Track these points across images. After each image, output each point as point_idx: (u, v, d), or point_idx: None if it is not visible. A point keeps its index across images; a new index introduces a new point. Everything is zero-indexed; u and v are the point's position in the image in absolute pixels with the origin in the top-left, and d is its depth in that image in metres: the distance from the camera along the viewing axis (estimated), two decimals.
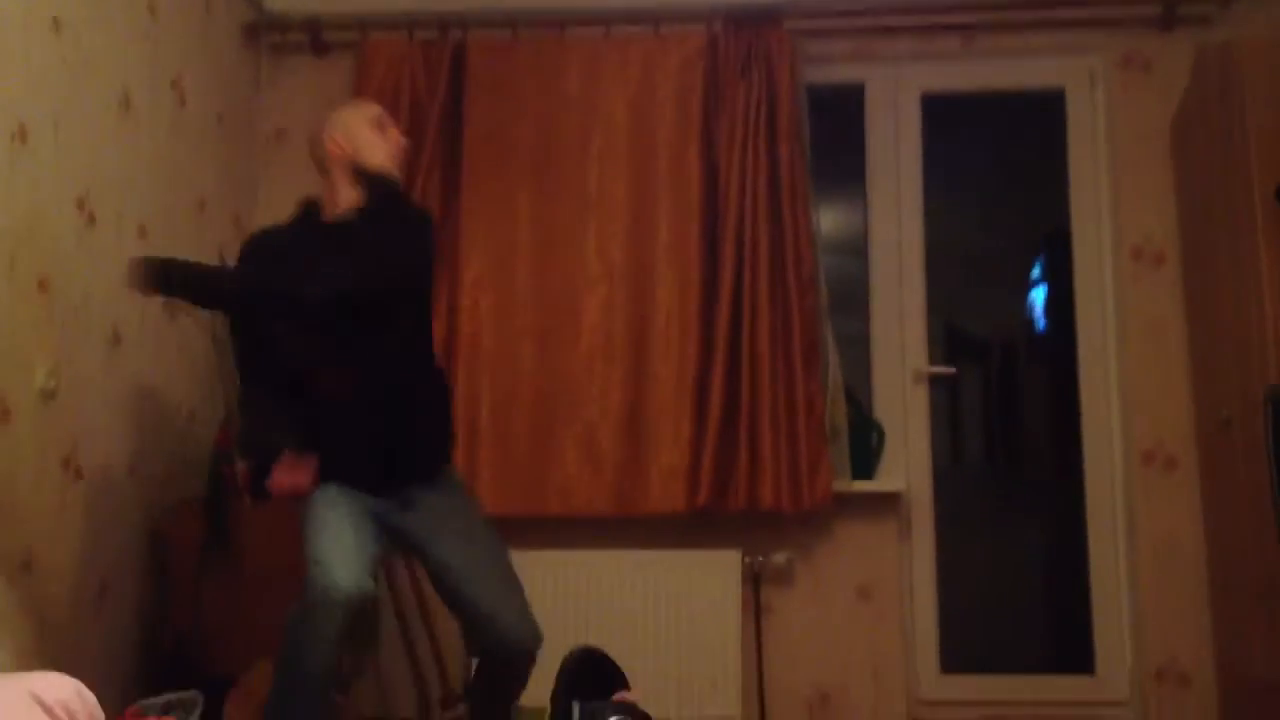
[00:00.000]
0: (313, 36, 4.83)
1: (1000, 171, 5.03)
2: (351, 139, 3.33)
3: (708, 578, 4.36)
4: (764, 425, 4.36)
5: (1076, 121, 4.79)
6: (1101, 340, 4.65)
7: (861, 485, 4.50)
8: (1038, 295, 4.91)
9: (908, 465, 4.62)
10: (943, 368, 4.73)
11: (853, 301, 4.75)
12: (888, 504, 4.52)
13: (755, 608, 4.43)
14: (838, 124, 4.85)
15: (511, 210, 4.63)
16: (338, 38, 4.84)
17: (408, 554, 3.47)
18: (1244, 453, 3.84)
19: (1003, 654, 4.63)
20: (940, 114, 4.88)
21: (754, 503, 4.34)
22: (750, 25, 4.63)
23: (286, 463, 3.24)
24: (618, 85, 4.68)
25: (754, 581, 4.43)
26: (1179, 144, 4.51)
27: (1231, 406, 3.96)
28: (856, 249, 4.84)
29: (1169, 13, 4.60)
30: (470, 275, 4.58)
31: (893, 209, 4.80)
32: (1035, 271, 4.92)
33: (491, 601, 3.21)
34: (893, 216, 4.79)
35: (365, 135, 3.34)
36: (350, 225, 3.26)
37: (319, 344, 3.21)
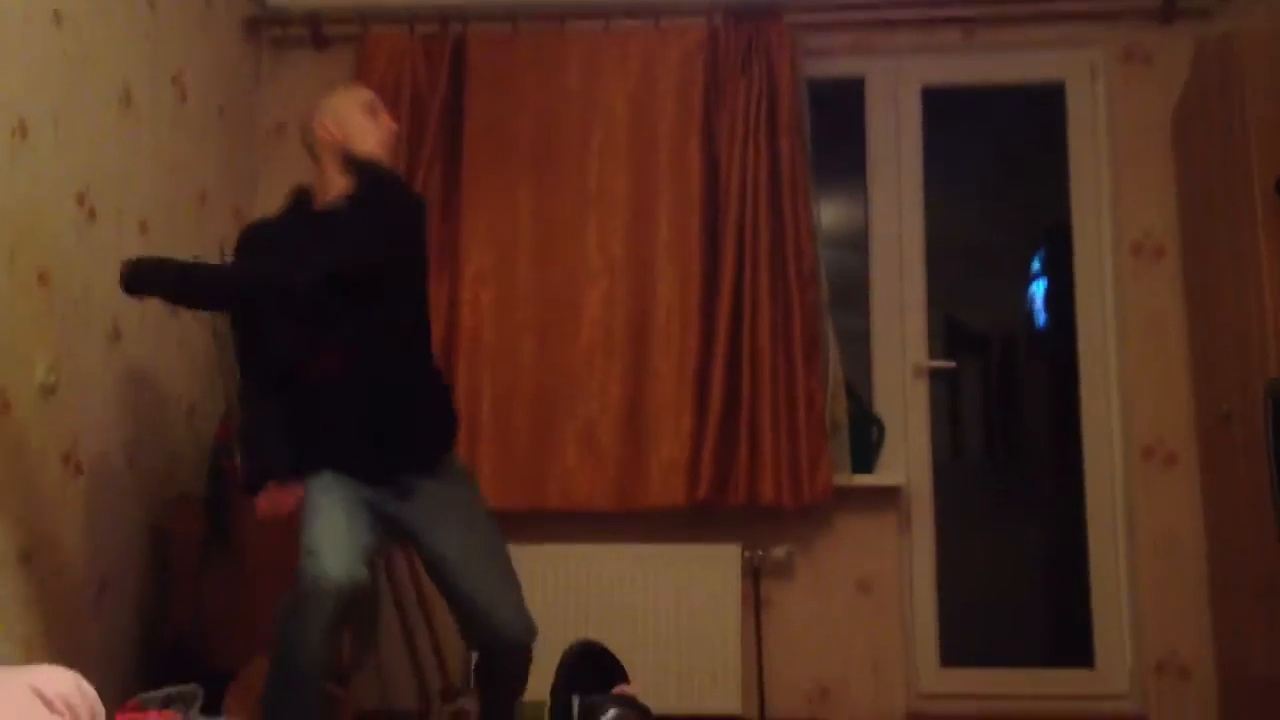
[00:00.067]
0: (313, 30, 4.83)
1: (1001, 165, 5.03)
2: (342, 125, 3.26)
3: (708, 572, 4.37)
4: (764, 419, 4.36)
5: (1077, 115, 4.78)
6: (1101, 334, 4.65)
7: (861, 479, 4.51)
8: (1038, 289, 4.91)
9: (908, 459, 4.63)
10: (943, 362, 4.73)
11: (853, 296, 4.75)
12: (888, 498, 4.52)
13: (755, 602, 4.43)
14: (838, 118, 4.85)
15: (512, 204, 4.63)
16: (338, 31, 4.84)
17: (405, 544, 3.42)
18: (1244, 447, 3.84)
19: (1002, 647, 4.62)
20: (941, 107, 4.88)
21: (754, 497, 4.34)
22: (750, 19, 4.63)
23: (272, 491, 3.22)
24: (618, 79, 4.68)
25: (754, 575, 4.44)
26: (1179, 137, 4.50)
27: (1231, 401, 3.96)
28: (857, 243, 4.83)
29: (1169, 6, 4.60)
30: (471, 270, 4.58)
31: (893, 203, 4.80)
32: (1035, 265, 4.92)
33: (485, 594, 3.17)
34: (893, 210, 4.79)
35: (356, 121, 3.27)
36: (338, 213, 3.21)
37: (310, 330, 3.16)
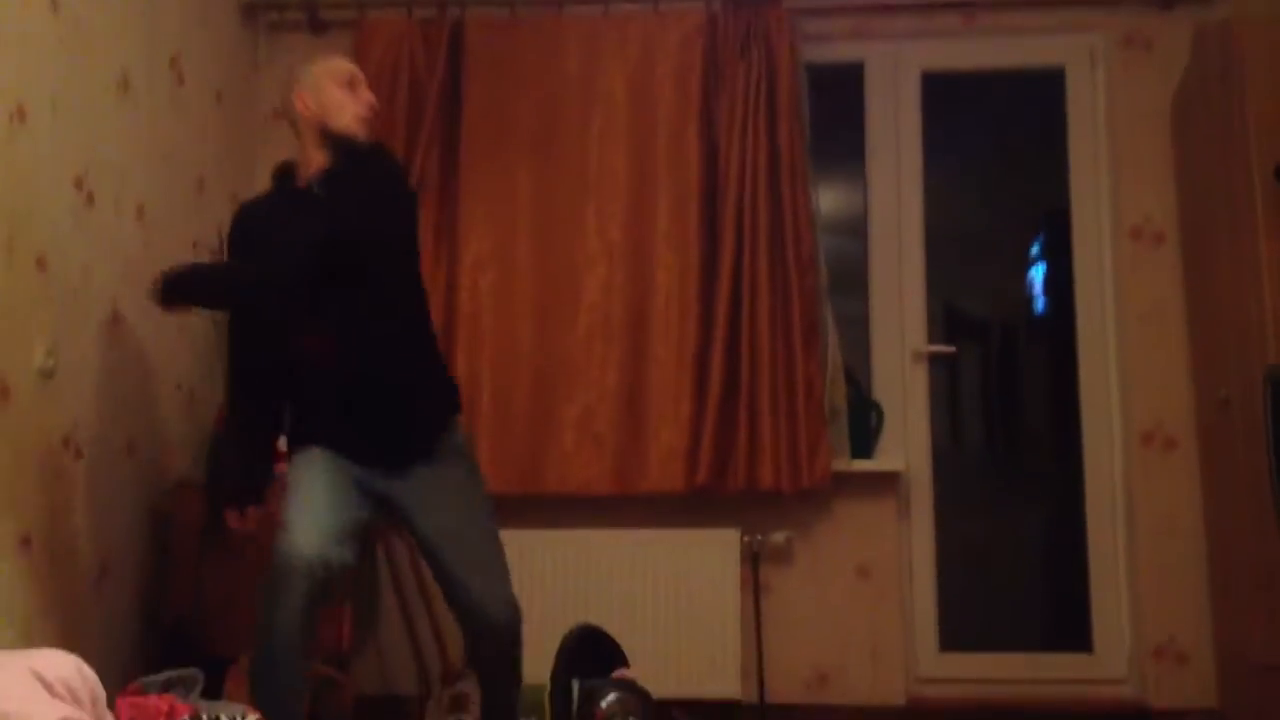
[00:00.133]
0: (310, 15, 4.81)
1: (1000, 150, 5.02)
2: (318, 98, 3.19)
3: (707, 557, 4.37)
4: (763, 405, 4.36)
5: (1076, 100, 4.77)
6: (1101, 320, 4.65)
7: (861, 465, 4.51)
8: (1037, 274, 4.90)
9: (907, 445, 4.63)
10: (942, 347, 4.73)
11: (852, 281, 4.75)
12: (887, 483, 4.53)
13: (754, 587, 4.43)
14: (837, 103, 4.84)
15: (511, 189, 4.62)
16: (336, 16, 4.82)
17: (396, 523, 3.35)
18: (1243, 433, 3.84)
19: (1001, 632, 4.63)
20: (940, 93, 4.87)
21: (753, 482, 4.34)
22: (749, 3, 4.61)
23: (232, 512, 3.24)
24: (617, 63, 4.67)
25: (753, 560, 4.44)
26: (1179, 123, 4.50)
27: (1231, 386, 3.97)
28: (856, 228, 4.83)
29: None
30: (469, 255, 4.57)
31: (892, 188, 4.79)
32: (1034, 250, 4.92)
33: (472, 577, 3.13)
34: (892, 196, 4.79)
35: (332, 94, 3.19)
36: (315, 193, 3.15)
37: (296, 314, 3.11)
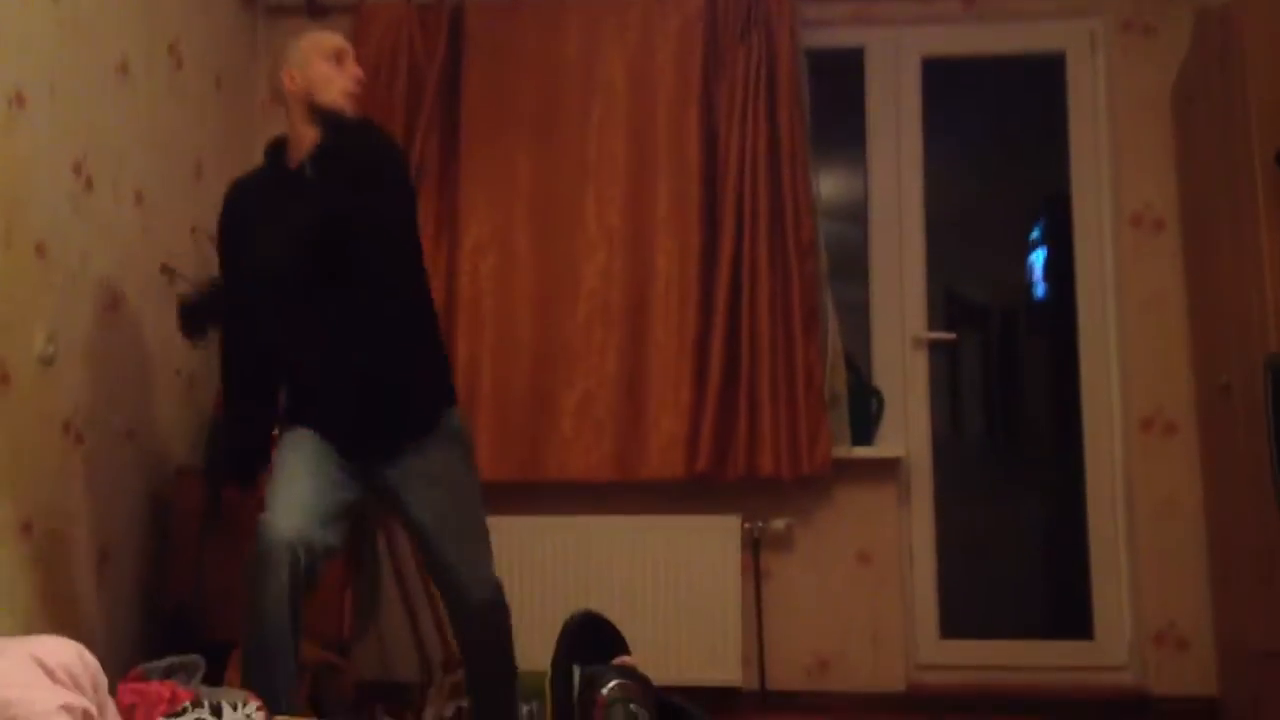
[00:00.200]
0: None
1: (1000, 137, 5.01)
2: (305, 73, 3.13)
3: (708, 543, 4.37)
4: (763, 391, 4.36)
5: (1077, 86, 4.76)
6: (1101, 306, 4.64)
7: (861, 451, 4.51)
8: (1037, 258, 4.90)
9: (907, 431, 4.62)
10: (942, 333, 4.72)
11: (852, 267, 4.74)
12: (887, 470, 4.52)
13: (755, 573, 4.43)
14: (837, 88, 4.82)
15: (510, 175, 4.61)
16: (334, 0, 4.80)
17: (384, 504, 3.31)
18: (1243, 419, 3.83)
19: (1002, 619, 4.63)
20: (940, 78, 4.85)
21: (753, 468, 4.34)
22: None
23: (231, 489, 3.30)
24: (616, 48, 4.65)
25: (754, 547, 4.44)
26: (1179, 108, 4.48)
27: (1231, 372, 3.96)
28: (856, 214, 4.82)
29: None
30: (469, 240, 4.56)
31: (892, 174, 4.78)
32: (1035, 233, 4.91)
33: (455, 557, 3.13)
34: (892, 181, 4.78)
35: (318, 69, 3.13)
36: (305, 174, 3.12)
37: (287, 304, 3.10)
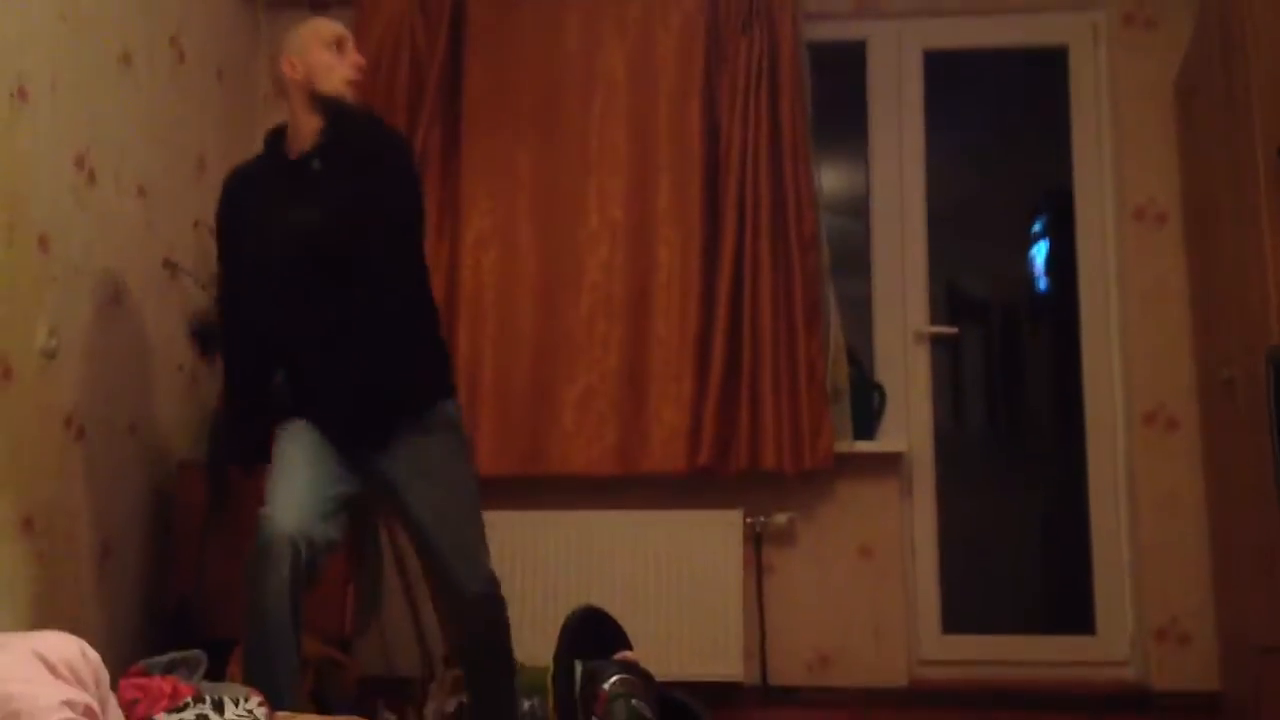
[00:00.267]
0: None
1: (1002, 130, 5.00)
2: (305, 60, 3.12)
3: (709, 538, 4.36)
4: (765, 385, 4.35)
5: (1079, 78, 4.75)
6: (1103, 300, 4.63)
7: (863, 446, 4.50)
8: (1039, 252, 4.89)
9: (909, 425, 4.61)
10: (944, 328, 4.72)
11: (854, 261, 4.73)
12: (889, 464, 4.52)
13: (757, 567, 4.43)
14: (839, 82, 4.82)
15: (512, 167, 4.60)
16: None
17: (381, 496, 3.31)
18: (1246, 413, 3.82)
19: (1004, 614, 4.63)
20: (942, 71, 4.84)
21: (755, 462, 4.34)
22: None
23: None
24: (618, 41, 4.64)
25: (755, 541, 4.43)
26: (1182, 101, 4.47)
27: (1233, 367, 3.95)
28: (858, 208, 4.81)
29: None
30: (471, 233, 4.55)
31: (894, 167, 4.77)
32: (1036, 226, 4.90)
33: (451, 550, 3.14)
34: (894, 175, 4.77)
35: (319, 57, 3.12)
36: (310, 166, 3.11)
37: (288, 296, 3.10)
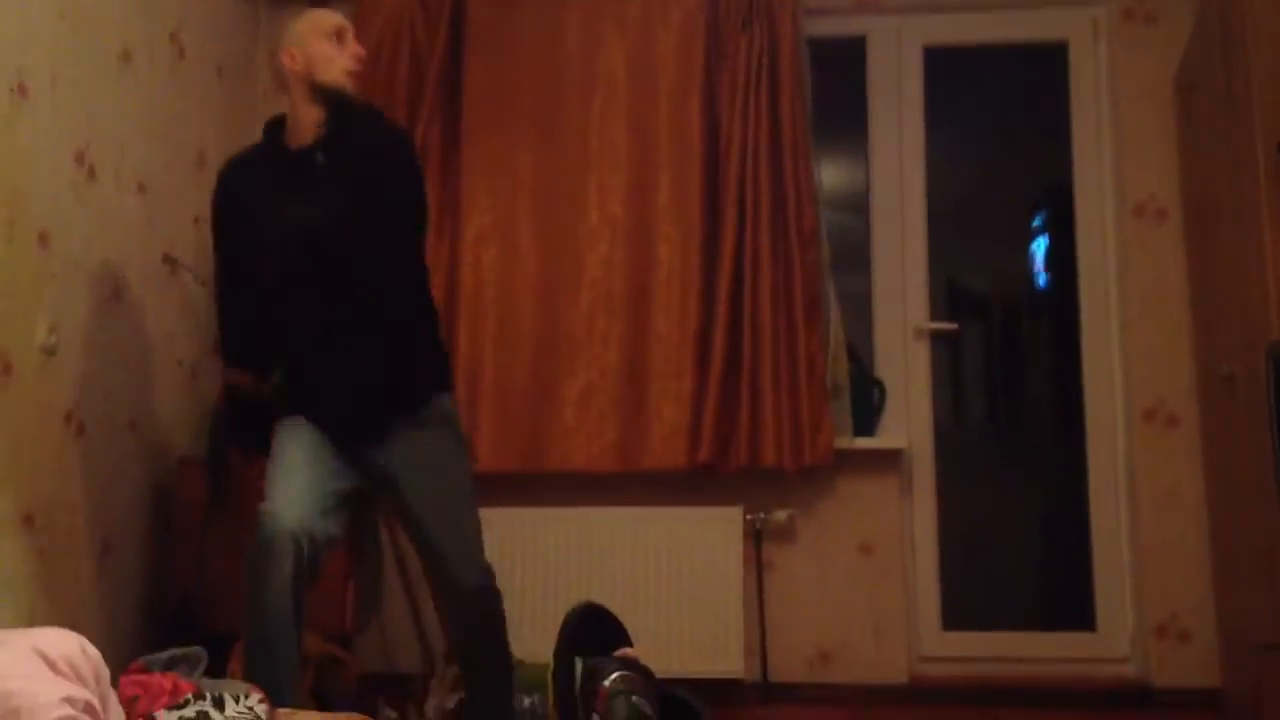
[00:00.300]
0: None
1: (1002, 126, 4.99)
2: (305, 51, 3.11)
3: (709, 534, 4.37)
4: (765, 381, 4.35)
5: (1079, 75, 4.74)
6: (1103, 297, 4.63)
7: (863, 442, 4.50)
8: (1039, 247, 4.89)
9: (909, 422, 4.61)
10: (944, 324, 4.71)
11: (854, 257, 4.73)
12: (889, 461, 4.52)
13: (757, 564, 4.43)
14: (839, 78, 4.81)
15: (512, 164, 4.60)
16: None
17: (378, 491, 3.30)
18: (1246, 410, 3.82)
19: (1004, 610, 4.63)
20: (942, 67, 4.84)
21: (756, 459, 4.33)
22: None
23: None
24: (618, 37, 4.63)
25: (756, 538, 4.43)
26: (1182, 97, 4.47)
27: (1233, 363, 3.95)
28: (858, 204, 4.81)
29: None
30: (471, 230, 4.55)
31: (894, 164, 4.77)
32: (1036, 221, 4.90)
33: (448, 543, 3.14)
34: (894, 171, 4.77)
35: (318, 48, 3.12)
36: (311, 159, 3.10)
37: (287, 290, 3.10)
